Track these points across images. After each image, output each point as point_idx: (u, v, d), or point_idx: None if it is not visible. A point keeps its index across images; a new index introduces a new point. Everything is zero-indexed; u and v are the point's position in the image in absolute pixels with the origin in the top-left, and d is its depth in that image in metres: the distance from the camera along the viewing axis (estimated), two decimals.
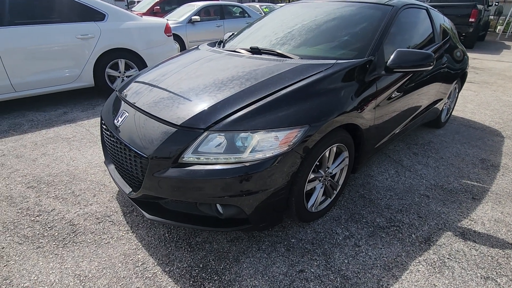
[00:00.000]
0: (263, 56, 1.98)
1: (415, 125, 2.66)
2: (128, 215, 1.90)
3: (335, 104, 1.59)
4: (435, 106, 2.92)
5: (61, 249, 1.64)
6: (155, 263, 1.56)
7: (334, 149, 1.72)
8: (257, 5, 11.54)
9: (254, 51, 2.10)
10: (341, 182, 1.95)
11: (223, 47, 2.41)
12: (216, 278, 1.48)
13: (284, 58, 1.89)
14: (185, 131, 1.41)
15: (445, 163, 2.63)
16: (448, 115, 3.46)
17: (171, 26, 6.88)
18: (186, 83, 1.73)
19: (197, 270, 1.52)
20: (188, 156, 1.39)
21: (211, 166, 1.37)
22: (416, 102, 2.42)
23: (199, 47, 2.42)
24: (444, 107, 3.31)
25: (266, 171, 1.37)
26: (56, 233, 1.74)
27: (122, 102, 1.81)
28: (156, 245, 1.68)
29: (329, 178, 1.82)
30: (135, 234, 1.75)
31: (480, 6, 8.93)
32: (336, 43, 2.05)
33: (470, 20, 8.70)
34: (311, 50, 2.03)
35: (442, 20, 2.95)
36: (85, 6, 3.74)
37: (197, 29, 7.18)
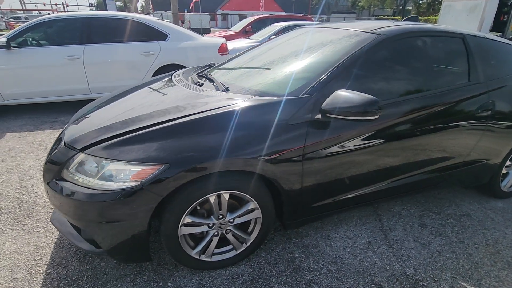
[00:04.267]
0: (204, 86, 1.89)
1: (418, 187, 1.99)
2: None
3: (220, 145, 1.38)
4: (474, 166, 2.11)
5: (8, 225, 2.00)
6: (47, 262, 1.70)
7: (226, 196, 1.49)
8: None
9: (209, 79, 2.03)
10: (254, 236, 1.66)
11: (202, 72, 2.41)
12: None
13: (208, 89, 1.77)
14: (68, 148, 1.51)
15: (458, 250, 1.86)
16: None
17: (250, 44, 7.29)
18: (116, 108, 1.82)
19: (66, 282, 1.58)
20: (70, 172, 1.48)
21: (75, 186, 1.42)
22: (411, 159, 1.82)
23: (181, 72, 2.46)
24: (507, 171, 2.35)
25: (111, 203, 1.32)
26: (18, 211, 2.13)
27: None
28: (64, 245, 1.83)
29: (230, 228, 1.59)
30: None
31: None
32: (284, 76, 1.78)
33: None
34: (255, 83, 1.81)
35: (498, 51, 2.11)
36: (152, 28, 4.44)
37: None
